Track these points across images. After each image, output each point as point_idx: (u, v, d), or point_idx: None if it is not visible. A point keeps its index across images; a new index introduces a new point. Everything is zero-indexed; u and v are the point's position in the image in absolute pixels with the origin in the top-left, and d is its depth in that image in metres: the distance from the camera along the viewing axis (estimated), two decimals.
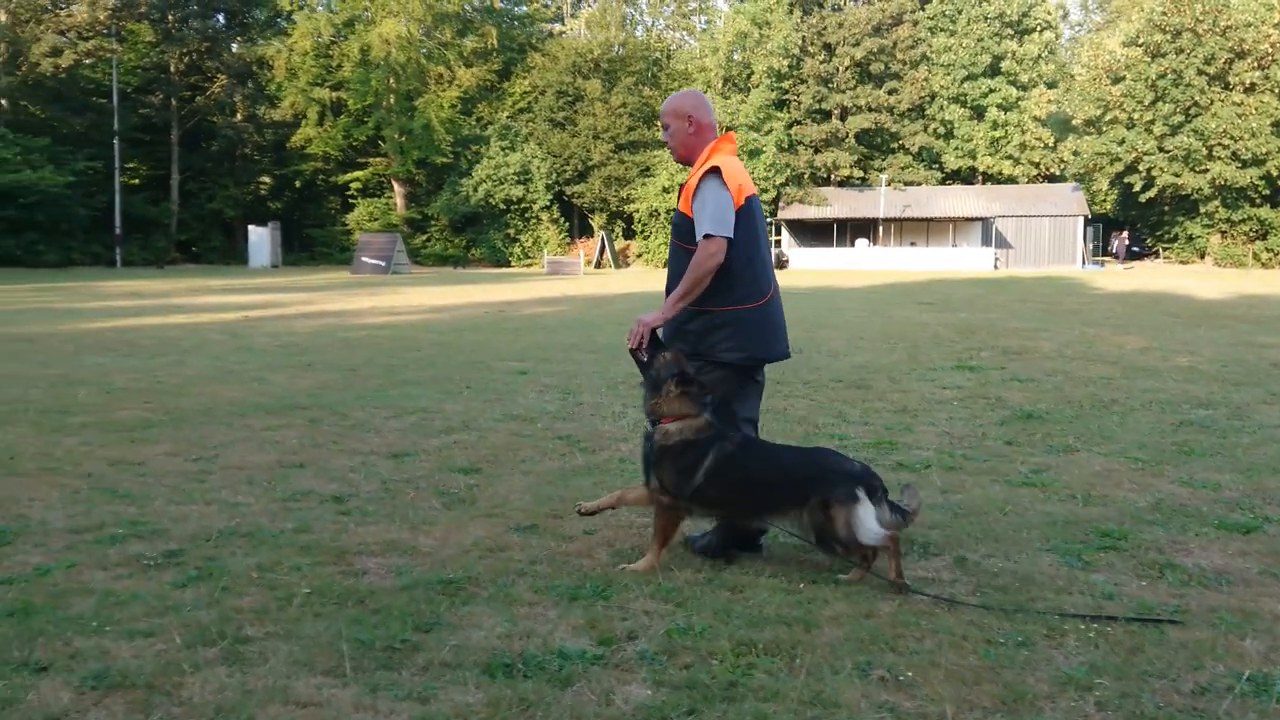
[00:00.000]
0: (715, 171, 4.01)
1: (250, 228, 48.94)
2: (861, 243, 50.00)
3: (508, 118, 54.30)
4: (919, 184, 53.60)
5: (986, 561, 3.97)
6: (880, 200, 50.15)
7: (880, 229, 51.22)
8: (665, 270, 4.41)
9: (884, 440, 6.35)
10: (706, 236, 3.93)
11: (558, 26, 60.71)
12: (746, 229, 4.05)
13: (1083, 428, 6.81)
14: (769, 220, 52.32)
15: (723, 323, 4.04)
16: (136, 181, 51.92)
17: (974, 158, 53.83)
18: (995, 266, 46.99)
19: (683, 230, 4.14)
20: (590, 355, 11.43)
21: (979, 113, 53.61)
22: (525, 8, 59.49)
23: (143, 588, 3.71)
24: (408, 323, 16.56)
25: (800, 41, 51.68)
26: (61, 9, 45.89)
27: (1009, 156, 53.56)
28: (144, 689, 2.87)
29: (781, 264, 49.12)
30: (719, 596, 3.58)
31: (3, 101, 45.56)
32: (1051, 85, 55.01)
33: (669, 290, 4.14)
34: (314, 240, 56.30)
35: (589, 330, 14.91)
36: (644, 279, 37.90)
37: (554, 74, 53.89)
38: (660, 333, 4.12)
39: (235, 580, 3.78)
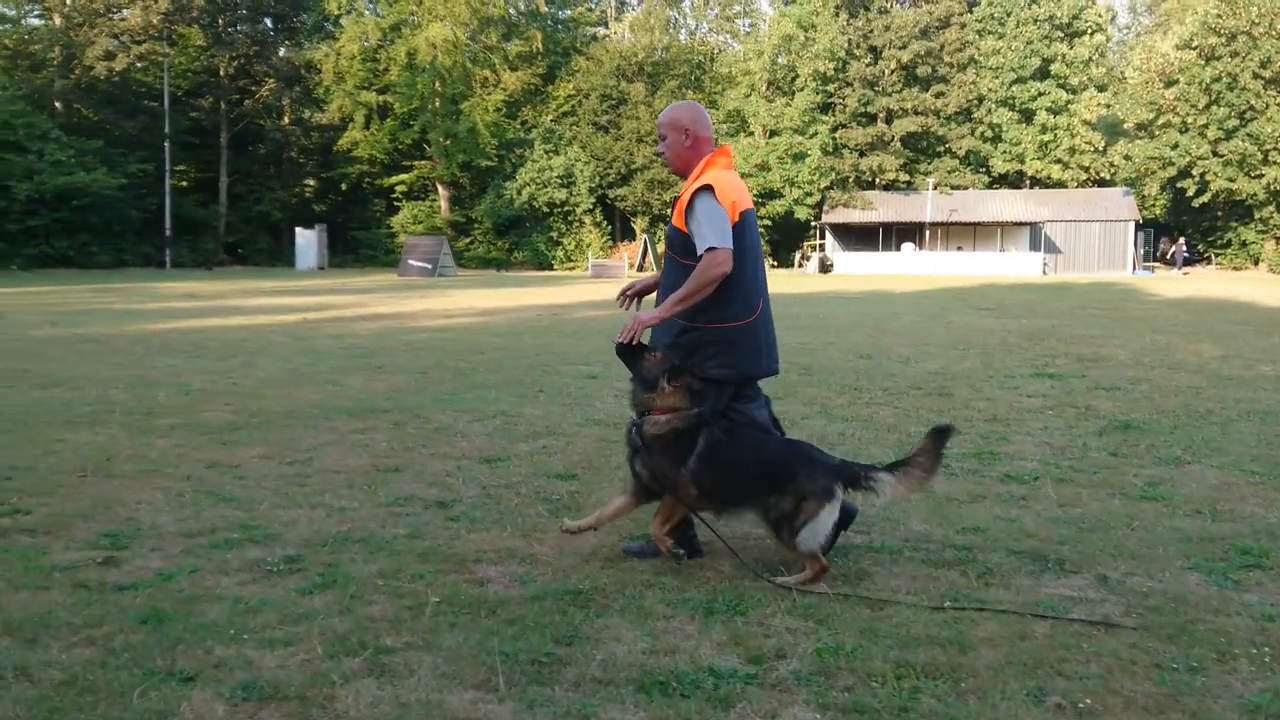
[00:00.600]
0: (707, 189, 4.03)
1: (297, 230, 49.42)
2: (907, 247, 49.52)
3: (551, 121, 54.39)
4: (965, 188, 53.07)
5: (1130, 580, 3.83)
6: (927, 204, 49.66)
7: (927, 233, 50.69)
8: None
9: (984, 450, 6.20)
10: (711, 249, 3.94)
11: (602, 30, 60.78)
12: (739, 244, 4.04)
13: (1186, 439, 6.61)
14: (814, 224, 52.07)
15: (712, 340, 4.07)
16: (185, 184, 52.63)
17: (1022, 161, 53.19)
18: (1044, 271, 46.35)
19: (676, 244, 4.17)
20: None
21: (1028, 116, 52.98)
22: (569, 11, 59.61)
23: (270, 594, 3.67)
24: (464, 325, 16.57)
25: (846, 44, 51.37)
26: (115, 13, 46.58)
27: (1058, 160, 52.88)
28: (296, 701, 2.82)
29: (826, 268, 48.84)
30: (860, 614, 3.47)
31: (57, 104, 46.33)
32: (1102, 88, 54.23)
33: (660, 302, 4.20)
34: (358, 242, 56.74)
35: (646, 335, 14.80)
36: None
37: (598, 77, 53.96)
38: (651, 342, 4.17)
39: (362, 588, 3.73)
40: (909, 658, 3.07)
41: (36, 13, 48.68)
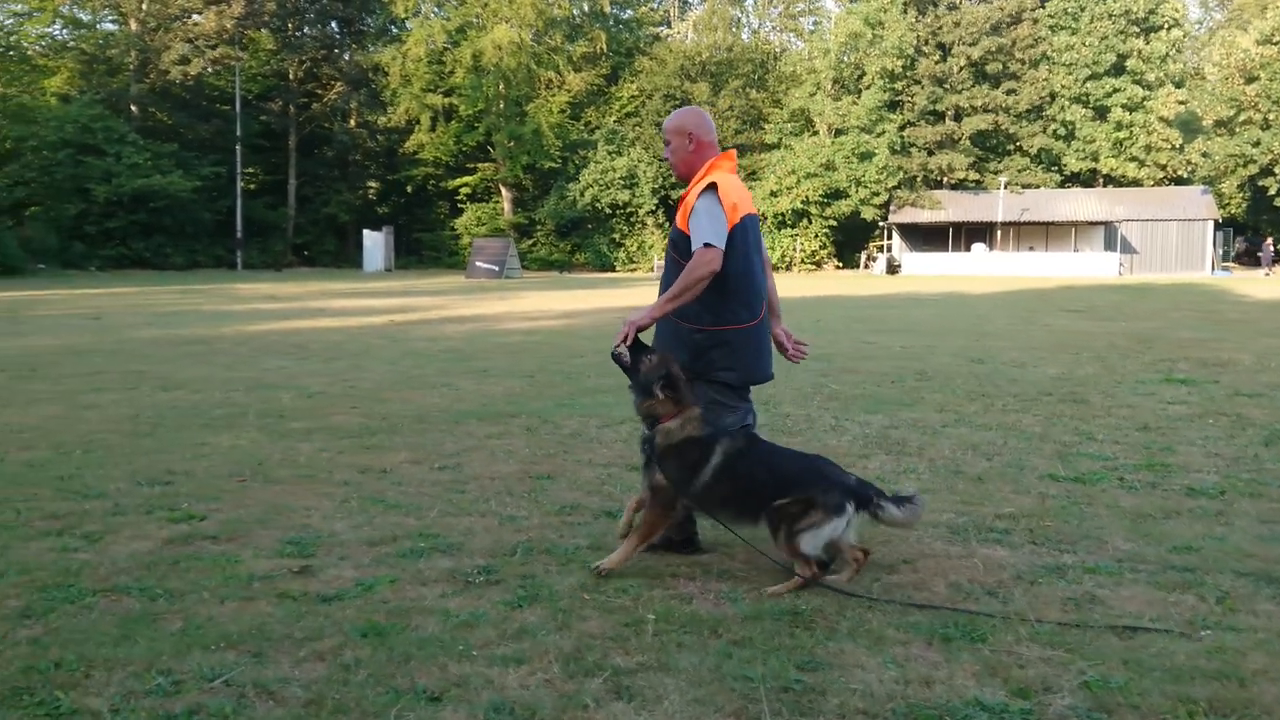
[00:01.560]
0: (711, 188, 4.04)
1: (365, 232, 50.02)
2: (978, 247, 48.69)
3: (615, 122, 54.41)
4: (1037, 186, 52.03)
5: None
6: (998, 203, 48.76)
7: (998, 233, 49.78)
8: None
9: (1154, 463, 5.92)
10: (705, 245, 3.95)
11: (664, 30, 60.68)
12: (741, 247, 4.06)
13: None
14: (880, 223, 51.41)
15: (719, 342, 4.10)
16: (253, 187, 53.58)
17: (1096, 159, 52.04)
18: (1119, 272, 45.27)
19: (680, 246, 4.17)
20: None
21: (1102, 113, 51.82)
22: (632, 11, 59.60)
23: (478, 607, 3.58)
24: (551, 328, 16.54)
25: (915, 41, 50.65)
26: (188, 18, 47.52)
27: (1134, 158, 51.64)
28: None
29: (893, 269, 48.20)
30: (1109, 643, 3.27)
31: (133, 108, 47.40)
32: (1179, 84, 52.82)
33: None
34: (422, 244, 57.30)
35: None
36: None
37: (661, 77, 53.86)
38: (659, 348, 4.16)
39: (570, 602, 3.63)
40: (1189, 692, 2.87)
41: (111, 18, 49.87)
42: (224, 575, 3.92)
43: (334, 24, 56.27)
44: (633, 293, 28.93)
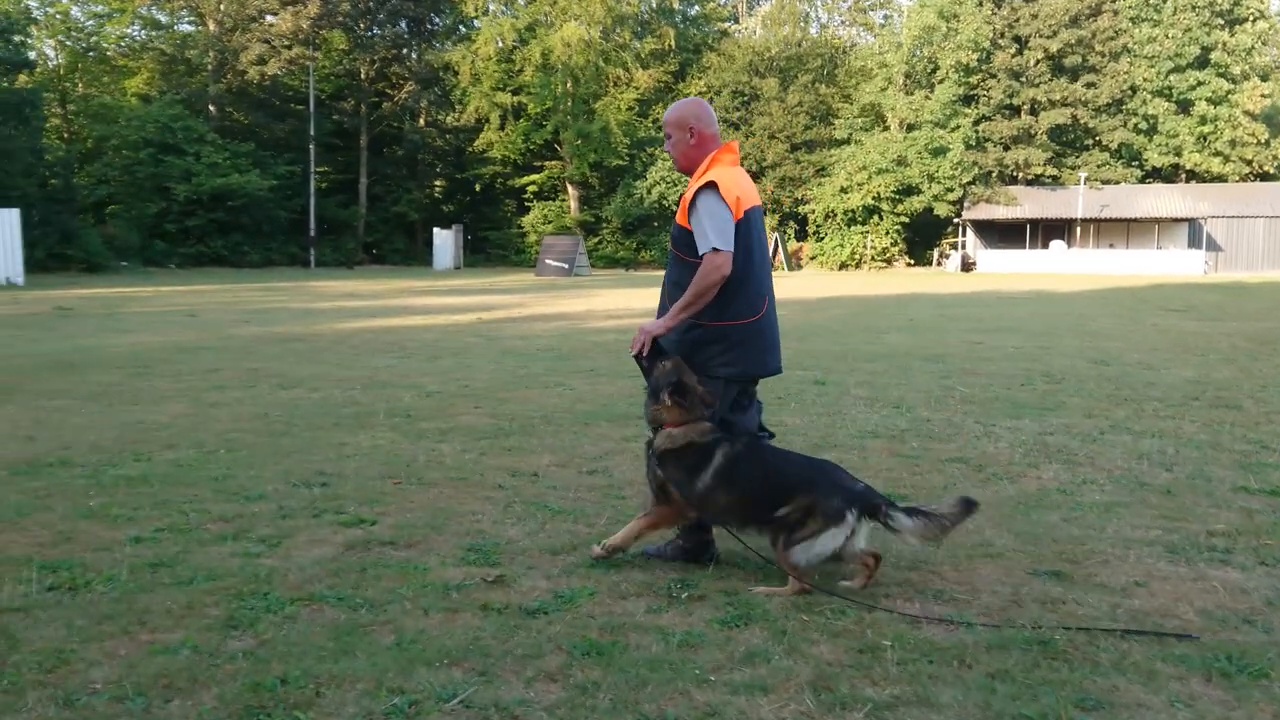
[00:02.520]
0: (711, 186, 3.95)
1: (435, 230, 50.37)
2: (1057, 244, 47.52)
3: None
4: (1117, 182, 50.62)
5: None
6: (1078, 200, 47.53)
7: (1078, 230, 48.54)
8: (838, 271, 4.18)
9: None
10: (713, 250, 3.88)
11: (732, 25, 60.24)
12: (744, 242, 3.99)
13: None
14: (955, 220, 50.46)
15: (717, 337, 4.03)
16: (325, 185, 54.28)
17: (1179, 155, 50.49)
18: (1204, 270, 43.86)
19: (680, 242, 4.11)
20: (869, 364, 10.85)
21: (1185, 107, 50.24)
22: (700, 8, 59.27)
23: (692, 625, 3.39)
24: (637, 326, 16.33)
25: (990, 34, 49.59)
26: (265, 18, 48.26)
27: (1218, 153, 50.01)
28: None
29: (968, 266, 47.28)
30: None
31: (211, 108, 48.27)
32: (1265, 78, 51.02)
33: (663, 298, 4.19)
34: (488, 242, 57.59)
35: (835, 337, 14.32)
36: (828, 281, 37.01)
37: (730, 73, 53.44)
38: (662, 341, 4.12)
39: (788, 623, 3.42)
40: None
41: (189, 19, 50.87)
42: (417, 584, 3.78)
43: (404, 23, 56.74)
44: None
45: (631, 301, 23.07)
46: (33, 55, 41.44)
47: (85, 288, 26.81)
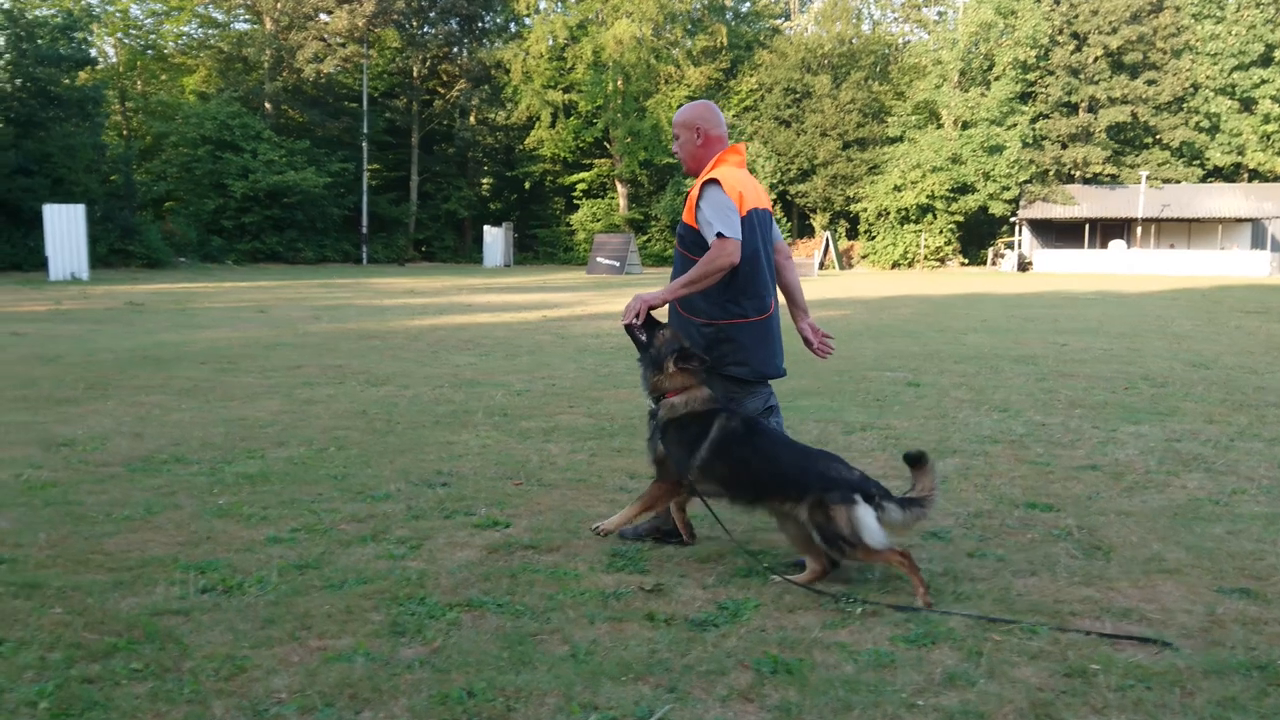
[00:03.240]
0: (713, 182, 3.99)
1: (485, 228, 50.53)
2: (1117, 244, 46.62)
3: (733, 116, 53.81)
4: (1178, 181, 49.54)
5: None
6: (1138, 199, 46.57)
7: (1138, 230, 47.56)
8: (890, 270, 4.07)
9: None
10: (720, 237, 3.90)
11: (784, 22, 59.80)
12: (749, 241, 4.00)
13: None
14: (1011, 218, 49.68)
15: (728, 337, 4.07)
16: (377, 183, 54.68)
17: (1242, 153, 49.30)
18: (1270, 271, 42.77)
19: (687, 240, 4.15)
20: (958, 365, 10.59)
21: (1248, 105, 49.02)
22: (751, 4, 58.92)
23: (876, 643, 3.23)
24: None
25: (1049, 30, 48.73)
26: (320, 17, 48.66)
27: None
28: None
29: (1024, 266, 46.54)
30: None
31: (267, 105, 48.77)
32: None
33: (684, 302, 4.17)
34: (537, 240, 57.69)
35: (913, 337, 14.06)
36: (883, 281, 36.53)
37: (782, 70, 53.05)
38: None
39: (978, 641, 3.24)
40: None
41: (245, 17, 51.46)
42: (573, 591, 3.66)
43: (455, 22, 56.91)
44: None
45: None
46: (94, 53, 42.07)
47: (149, 283, 27.16)
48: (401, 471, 5.53)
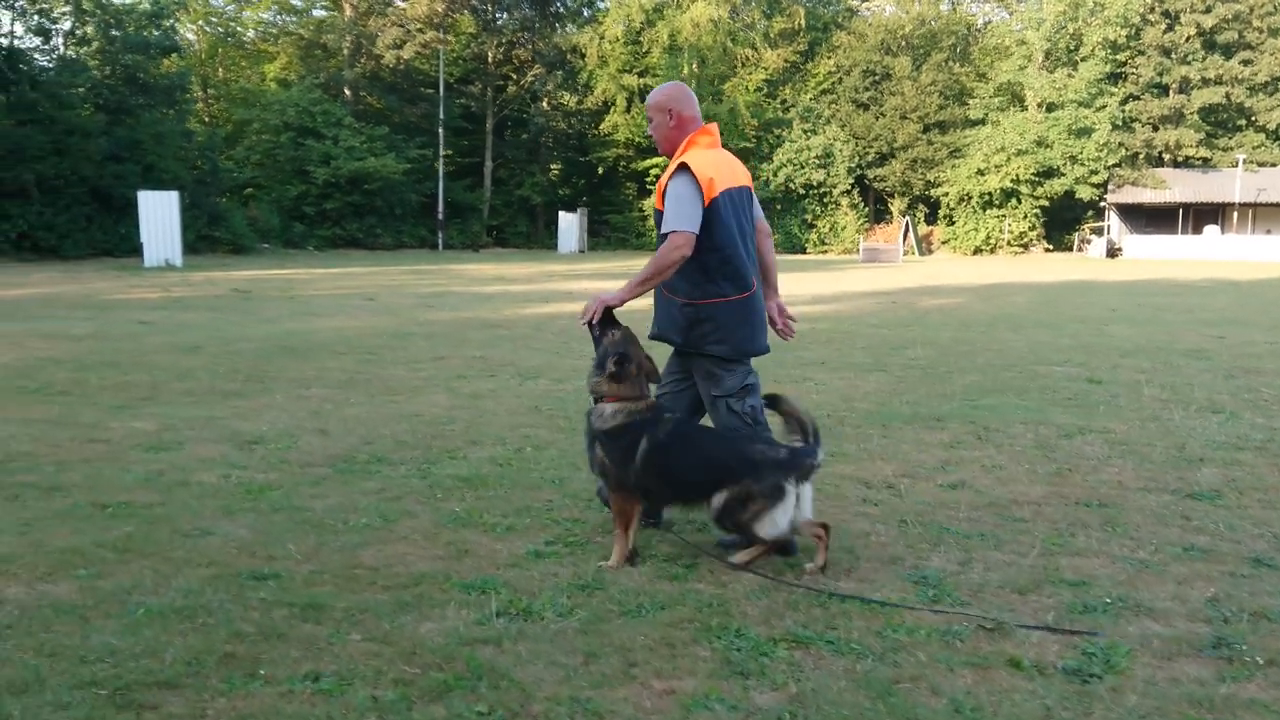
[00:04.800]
0: (683, 168, 3.98)
1: (560, 213, 50.36)
2: (1211, 230, 44.98)
3: (810, 99, 52.91)
4: (1273, 165, 47.61)
5: None
6: (1234, 183, 44.84)
7: (1235, 215, 45.82)
8: (972, 256, 3.59)
9: None
10: (673, 231, 3.92)
11: (861, 3, 58.61)
12: (723, 224, 4.00)
13: None
14: (1100, 203, 48.21)
15: (706, 316, 4.07)
16: (451, 169, 54.77)
17: None
18: None
19: (660, 223, 4.12)
20: (1127, 360, 10.04)
21: None
22: None
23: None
24: (822, 313, 15.70)
25: (1140, 9, 47.05)
26: (398, 2, 48.74)
27: None
28: None
29: (1113, 252, 45.17)
30: None
31: (346, 92, 49.04)
32: None
33: (665, 283, 4.12)
34: (608, 225, 57.38)
35: (1051, 329, 13.47)
36: (973, 267, 35.58)
37: (861, 52, 51.99)
38: (655, 319, 4.23)
39: None
40: None
41: (322, 4, 51.79)
42: (901, 627, 3.30)
43: (526, 6, 56.65)
44: (859, 275, 27.69)
45: (796, 286, 22.39)
46: (179, 39, 42.61)
47: (239, 269, 27.40)
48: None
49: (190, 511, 4.57)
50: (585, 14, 55.60)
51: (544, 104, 54.82)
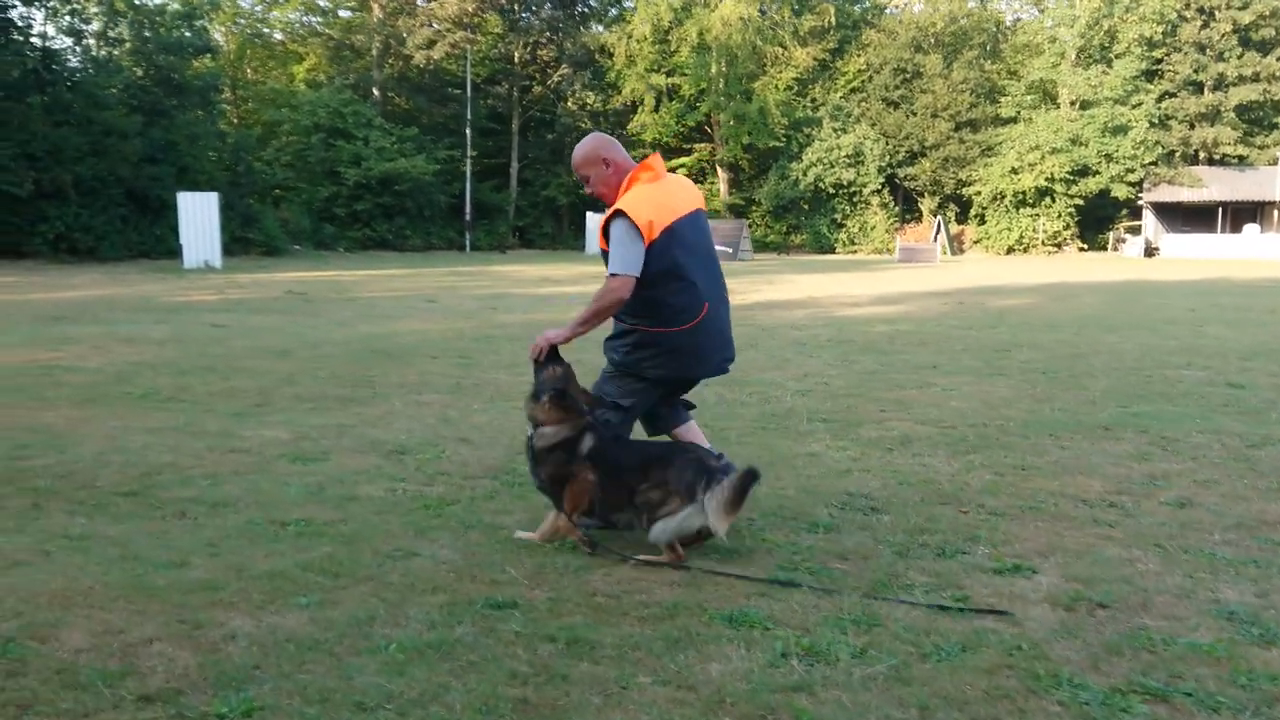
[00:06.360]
0: (618, 215, 4.05)
1: (588, 214, 50.02)
2: (1251, 229, 44.37)
3: (840, 98, 52.46)
4: None
5: None
6: (1274, 181, 44.23)
7: (1276, 213, 45.19)
8: (1005, 256, 3.29)
9: None
10: (611, 275, 4.05)
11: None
12: (668, 259, 4.08)
13: None
14: (1136, 201, 47.63)
15: (650, 342, 4.19)
16: (478, 169, 54.50)
17: None
18: None
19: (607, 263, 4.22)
20: (1250, 363, 9.64)
21: None
22: None
23: None
24: (896, 315, 15.34)
25: (1176, 5, 46.47)
26: (427, 2, 48.47)
27: None
28: None
29: (1150, 252, 44.62)
30: None
31: (375, 92, 48.83)
32: None
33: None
34: None
35: (1151, 330, 13.08)
36: (1015, 267, 35.10)
37: (891, 50, 51.53)
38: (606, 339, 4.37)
39: None
40: None
41: (349, 4, 51.53)
42: (1264, 675, 2.93)
43: (549, 6, 56.36)
44: (900, 275, 27.27)
45: (844, 288, 22.03)
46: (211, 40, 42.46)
47: (278, 271, 27.17)
48: (806, 491, 4.91)
49: (379, 530, 4.26)
50: (612, 13, 55.27)
51: (569, 104, 54.55)
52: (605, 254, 4.17)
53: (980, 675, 2.91)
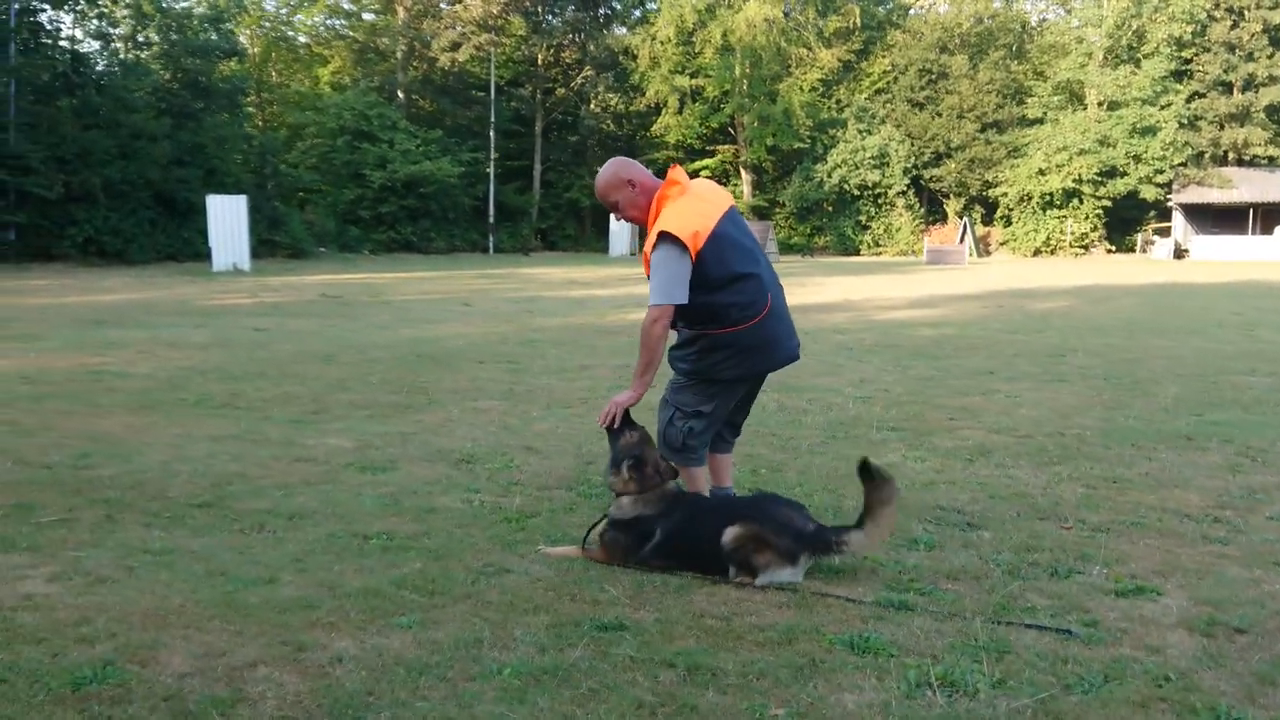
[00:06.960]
0: (663, 237, 3.98)
1: (612, 217, 49.92)
2: None
3: (865, 99, 52.16)
4: None
5: None
6: None
7: None
8: (1032, 258, 3.16)
9: None
10: (652, 305, 4.01)
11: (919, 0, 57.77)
12: (724, 262, 4.04)
13: None
14: (1165, 203, 47.10)
15: (721, 344, 4.13)
16: (501, 172, 54.48)
17: None
18: None
19: None
20: None
21: None
22: None
23: None
24: (938, 318, 15.13)
25: (1206, 5, 45.94)
26: (455, 4, 48.47)
27: None
28: None
29: (1180, 254, 44.14)
30: None
31: (400, 95, 48.89)
32: None
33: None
34: None
35: (1204, 334, 12.84)
36: (1045, 269, 34.74)
37: (916, 51, 51.18)
38: (666, 351, 4.18)
39: None
40: None
41: (373, 7, 51.61)
42: None
43: (571, 9, 56.26)
44: (934, 277, 26.97)
45: (875, 290, 21.82)
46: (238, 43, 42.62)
47: (307, 274, 27.18)
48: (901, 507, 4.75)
49: (465, 544, 4.13)
50: (636, 15, 55.15)
51: (592, 106, 54.47)
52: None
53: (1133, 709, 2.75)
